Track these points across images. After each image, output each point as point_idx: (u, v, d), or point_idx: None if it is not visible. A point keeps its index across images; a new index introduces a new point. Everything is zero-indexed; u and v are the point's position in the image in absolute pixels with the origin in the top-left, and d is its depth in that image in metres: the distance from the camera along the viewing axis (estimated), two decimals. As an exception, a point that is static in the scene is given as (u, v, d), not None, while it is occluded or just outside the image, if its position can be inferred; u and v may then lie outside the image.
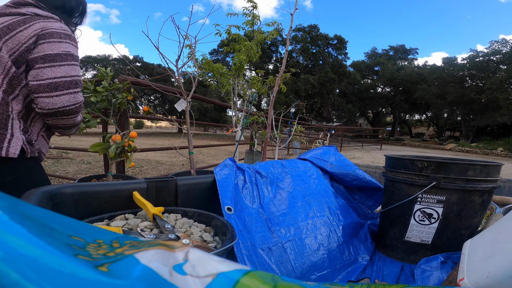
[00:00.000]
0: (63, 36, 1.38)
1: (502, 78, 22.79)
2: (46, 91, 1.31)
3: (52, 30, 1.37)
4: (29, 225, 0.34)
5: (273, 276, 0.32)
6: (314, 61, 32.25)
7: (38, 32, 1.34)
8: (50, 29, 1.36)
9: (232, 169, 1.45)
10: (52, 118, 1.39)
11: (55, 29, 1.38)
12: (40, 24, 1.37)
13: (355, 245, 1.50)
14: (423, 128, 46.17)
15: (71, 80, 1.35)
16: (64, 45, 1.37)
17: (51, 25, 1.39)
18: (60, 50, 1.35)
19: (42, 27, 1.36)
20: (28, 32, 1.34)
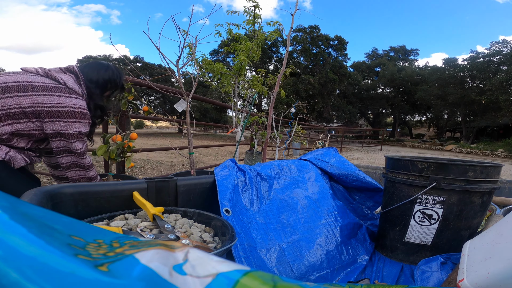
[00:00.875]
0: (78, 116, 1.54)
1: (503, 79, 22.76)
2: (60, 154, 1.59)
3: (67, 109, 1.51)
4: (29, 224, 0.34)
5: (272, 276, 0.32)
6: (314, 61, 32.24)
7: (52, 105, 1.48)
8: (66, 108, 1.50)
9: (232, 170, 1.45)
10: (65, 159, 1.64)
11: (70, 107, 1.52)
12: (56, 98, 1.50)
13: (354, 245, 1.50)
14: (424, 129, 46.16)
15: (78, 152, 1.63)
16: (77, 125, 1.55)
17: (65, 101, 1.52)
18: (71, 130, 1.54)
19: (57, 103, 1.49)
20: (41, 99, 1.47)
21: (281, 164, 1.72)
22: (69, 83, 1.57)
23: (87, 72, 1.70)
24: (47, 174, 5.10)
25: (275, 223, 1.38)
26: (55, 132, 1.52)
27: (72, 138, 1.56)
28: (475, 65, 26.37)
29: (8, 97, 1.44)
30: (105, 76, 1.74)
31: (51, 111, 1.48)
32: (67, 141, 1.57)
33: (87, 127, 1.61)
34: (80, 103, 1.56)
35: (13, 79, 1.47)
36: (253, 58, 3.27)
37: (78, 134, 1.57)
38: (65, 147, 1.59)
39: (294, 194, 1.58)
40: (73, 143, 1.58)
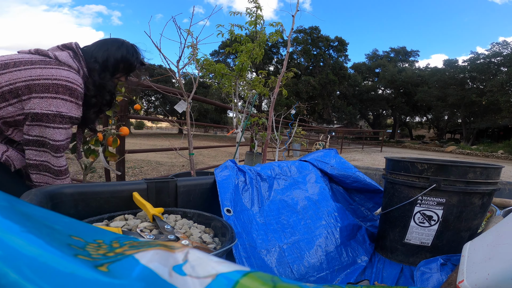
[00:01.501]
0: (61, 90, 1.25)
1: (503, 81, 22.77)
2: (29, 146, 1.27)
3: (50, 81, 1.24)
4: (29, 224, 0.34)
5: (272, 277, 0.32)
6: (315, 62, 32.30)
7: (33, 79, 1.23)
8: (49, 80, 1.24)
9: (233, 171, 1.45)
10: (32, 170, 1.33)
11: (54, 79, 1.25)
12: (39, 70, 1.25)
13: (353, 247, 1.50)
14: (424, 130, 46.16)
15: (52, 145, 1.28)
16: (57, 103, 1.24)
17: (50, 72, 1.26)
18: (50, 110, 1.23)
19: (39, 75, 1.24)
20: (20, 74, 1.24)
21: (281, 165, 1.72)
22: (62, 57, 1.32)
23: (92, 49, 1.44)
24: (47, 175, 5.09)
25: (275, 224, 1.38)
26: (29, 113, 1.22)
27: (48, 121, 1.23)
28: (475, 66, 26.38)
29: None
30: (117, 55, 1.46)
31: (30, 86, 1.21)
32: (42, 125, 1.23)
33: (74, 110, 1.29)
34: (69, 75, 1.28)
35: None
36: (255, 60, 3.28)
37: (57, 117, 1.24)
38: (37, 136, 1.25)
39: (294, 195, 1.58)
40: (48, 129, 1.24)
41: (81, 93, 1.32)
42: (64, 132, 1.28)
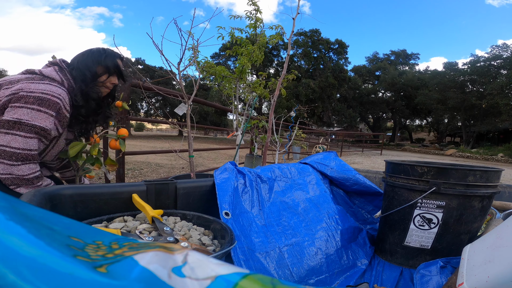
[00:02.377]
0: (31, 100, 1.31)
1: (503, 83, 22.80)
2: None
3: (22, 93, 1.31)
4: (28, 225, 0.34)
5: (272, 279, 0.32)
6: (315, 65, 32.32)
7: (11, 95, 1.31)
8: (21, 93, 1.31)
9: (232, 173, 1.45)
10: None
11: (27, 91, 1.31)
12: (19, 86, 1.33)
13: (353, 249, 1.49)
14: (424, 133, 46.19)
15: (7, 151, 1.29)
16: (21, 111, 1.30)
17: (30, 86, 1.33)
18: (11, 117, 1.28)
19: (19, 89, 1.32)
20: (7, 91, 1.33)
21: (282, 167, 1.72)
22: (46, 71, 1.41)
23: (72, 60, 1.53)
24: (47, 176, 5.09)
25: (275, 226, 1.37)
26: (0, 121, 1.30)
27: (8, 127, 1.28)
28: (475, 69, 26.42)
29: None
30: (89, 60, 1.52)
31: (10, 99, 1.31)
32: (2, 132, 1.29)
33: (39, 119, 1.32)
34: (47, 87, 1.34)
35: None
36: (255, 62, 3.28)
37: (16, 124, 1.28)
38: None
39: (295, 197, 1.58)
40: (6, 136, 1.28)
41: (55, 104, 1.35)
42: (21, 140, 1.30)
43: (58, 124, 1.41)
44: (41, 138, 1.37)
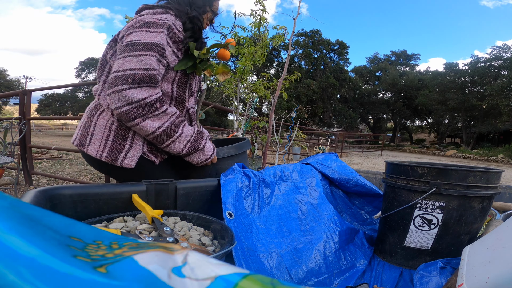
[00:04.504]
0: (138, 25, 1.27)
1: (503, 84, 22.81)
2: (107, 89, 1.23)
3: (130, 24, 1.29)
4: (28, 225, 0.34)
5: (271, 280, 0.32)
6: (315, 66, 32.33)
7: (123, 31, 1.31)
8: (135, 23, 1.28)
9: (238, 175, 1.45)
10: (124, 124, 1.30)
11: (135, 22, 1.29)
12: (130, 23, 1.32)
13: (352, 250, 1.49)
14: (424, 134, 46.15)
15: (120, 76, 1.19)
16: (131, 35, 1.25)
17: (137, 19, 1.31)
18: (125, 42, 1.24)
19: (128, 25, 1.30)
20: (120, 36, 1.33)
21: (284, 170, 1.72)
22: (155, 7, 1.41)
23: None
24: (46, 175, 5.10)
25: (274, 229, 1.38)
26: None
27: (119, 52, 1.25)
28: (475, 70, 26.43)
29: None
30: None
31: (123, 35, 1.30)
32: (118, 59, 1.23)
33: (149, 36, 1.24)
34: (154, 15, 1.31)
35: None
36: (257, 62, 3.28)
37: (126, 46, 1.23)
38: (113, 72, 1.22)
39: (294, 200, 1.58)
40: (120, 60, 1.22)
41: (162, 23, 1.28)
42: (135, 60, 1.21)
43: (173, 46, 1.33)
44: (156, 56, 1.25)
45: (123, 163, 1.31)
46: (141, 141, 1.34)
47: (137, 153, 1.33)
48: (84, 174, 6.21)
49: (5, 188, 4.45)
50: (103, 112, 1.35)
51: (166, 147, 1.34)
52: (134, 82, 1.19)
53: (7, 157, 3.61)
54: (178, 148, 1.35)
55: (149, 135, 1.28)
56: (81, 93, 41.95)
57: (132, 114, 1.21)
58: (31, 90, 4.66)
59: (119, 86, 1.18)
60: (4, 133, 3.81)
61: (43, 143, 13.94)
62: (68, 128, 53.64)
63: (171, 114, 1.31)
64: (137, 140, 1.33)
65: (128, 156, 1.32)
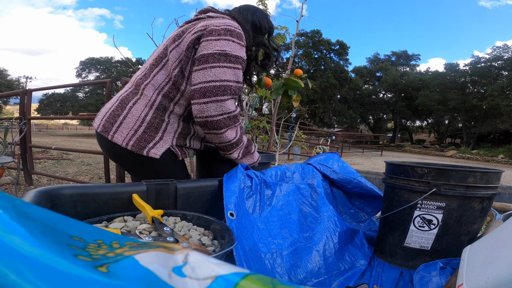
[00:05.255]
0: (223, 32, 1.27)
1: (504, 85, 22.81)
2: (196, 97, 1.26)
3: (212, 27, 1.28)
4: (29, 225, 0.34)
5: (272, 279, 0.32)
6: (316, 66, 32.33)
7: (200, 30, 1.30)
8: (210, 27, 1.29)
9: (241, 175, 1.45)
10: (204, 130, 1.36)
11: (216, 26, 1.29)
12: (203, 22, 1.32)
13: (352, 251, 1.49)
14: (424, 134, 46.16)
15: (219, 86, 1.24)
16: (221, 43, 1.26)
17: (213, 22, 1.31)
18: (214, 50, 1.24)
19: (204, 25, 1.30)
20: (191, 33, 1.32)
21: (285, 171, 1.72)
22: (211, 14, 1.42)
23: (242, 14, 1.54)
24: (47, 175, 5.10)
25: (275, 229, 1.38)
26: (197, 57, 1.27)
27: (214, 60, 1.24)
28: (476, 70, 26.42)
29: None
30: (262, 16, 1.58)
31: (200, 36, 1.29)
32: (207, 67, 1.24)
33: (238, 50, 1.28)
34: (227, 21, 1.32)
35: None
36: None
37: (220, 56, 1.24)
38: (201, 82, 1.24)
39: (295, 201, 1.58)
40: (214, 70, 1.23)
41: (241, 35, 1.33)
42: (231, 72, 1.26)
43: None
44: (242, 70, 1.33)
45: (150, 152, 1.33)
46: (171, 135, 1.39)
47: (165, 145, 1.37)
48: (84, 174, 6.21)
49: (5, 188, 4.46)
50: (137, 102, 1.37)
51: (231, 154, 1.45)
52: (232, 93, 1.27)
53: (7, 157, 3.61)
54: (236, 154, 1.47)
55: (224, 143, 1.38)
56: (81, 93, 41.96)
57: (221, 124, 1.30)
58: (31, 90, 4.66)
59: (220, 97, 1.24)
60: (4, 133, 3.81)
61: (43, 143, 13.95)
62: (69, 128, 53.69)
63: (241, 123, 1.43)
64: (167, 134, 1.37)
65: (156, 147, 1.35)
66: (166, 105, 1.36)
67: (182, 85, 1.35)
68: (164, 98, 1.36)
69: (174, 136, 1.40)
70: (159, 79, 1.37)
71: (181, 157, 1.44)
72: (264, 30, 1.60)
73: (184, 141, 1.44)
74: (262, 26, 1.57)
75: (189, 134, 1.45)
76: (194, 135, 1.47)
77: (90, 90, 41.07)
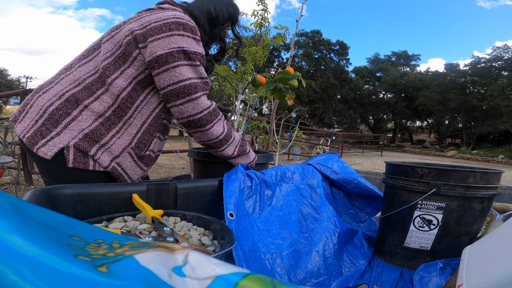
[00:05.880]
0: (174, 26, 1.19)
1: (504, 85, 22.81)
2: (172, 100, 1.23)
3: (161, 22, 1.18)
4: (29, 225, 0.34)
5: (272, 279, 0.32)
6: (316, 66, 32.34)
7: (145, 25, 1.19)
8: (159, 22, 1.18)
9: (241, 175, 1.45)
10: (190, 129, 1.31)
11: (164, 19, 1.19)
12: (151, 16, 1.22)
13: (352, 251, 1.49)
14: (424, 135, 46.14)
15: (189, 84, 1.20)
16: (175, 39, 1.18)
17: (162, 15, 1.20)
18: (170, 47, 1.17)
19: (151, 20, 1.19)
20: (132, 24, 1.22)
21: (285, 171, 1.72)
22: (163, 5, 1.33)
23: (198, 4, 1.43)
24: (47, 176, 5.10)
25: (275, 229, 1.38)
26: (152, 60, 1.17)
27: (174, 59, 1.17)
28: (476, 70, 26.42)
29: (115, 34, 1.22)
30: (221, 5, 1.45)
31: (145, 33, 1.17)
32: (169, 68, 1.17)
33: (194, 45, 1.21)
34: (176, 13, 1.22)
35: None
36: (258, 62, 3.29)
37: (179, 53, 1.17)
38: (170, 85, 1.18)
39: (295, 202, 1.58)
40: (177, 69, 1.17)
41: (194, 28, 1.24)
42: (192, 70, 1.21)
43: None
44: (202, 66, 1.27)
45: (39, 150, 1.14)
46: (73, 132, 1.16)
47: (59, 144, 1.15)
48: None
49: (5, 187, 4.46)
50: (48, 91, 1.20)
51: (222, 151, 1.40)
52: (202, 90, 1.24)
53: (8, 157, 3.62)
54: (230, 151, 1.42)
55: (212, 139, 1.33)
56: (81, 93, 41.85)
57: (204, 121, 1.26)
58: (31, 90, 4.66)
59: (193, 95, 1.21)
60: (4, 133, 3.82)
61: (43, 142, 13.91)
62: (69, 128, 53.49)
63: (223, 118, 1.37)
64: (68, 131, 1.16)
65: (49, 144, 1.14)
66: (80, 97, 1.17)
67: (110, 77, 1.19)
68: (82, 90, 1.18)
69: (76, 136, 1.16)
70: (83, 70, 1.22)
71: (72, 165, 1.17)
72: (222, 19, 1.47)
73: (89, 147, 1.18)
74: (219, 16, 1.46)
75: (98, 142, 1.19)
76: (105, 145, 1.21)
77: (90, 90, 40.86)
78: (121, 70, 1.20)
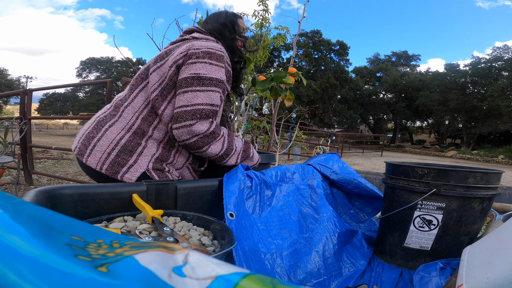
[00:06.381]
0: (201, 55, 1.30)
1: (504, 85, 22.79)
2: (172, 123, 1.31)
3: (192, 51, 1.31)
4: (30, 225, 0.34)
5: (272, 279, 0.32)
6: (316, 66, 32.34)
7: (182, 55, 1.32)
8: (191, 50, 1.32)
9: (241, 176, 1.45)
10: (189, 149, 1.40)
11: (196, 49, 1.32)
12: (186, 44, 1.34)
13: (352, 252, 1.49)
14: (424, 135, 46.10)
15: (190, 110, 1.27)
16: (196, 67, 1.29)
17: (195, 44, 1.33)
18: (188, 74, 1.28)
19: (187, 48, 1.32)
20: (174, 55, 1.33)
21: (285, 171, 1.72)
22: (196, 35, 1.46)
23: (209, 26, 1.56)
24: (47, 175, 5.10)
25: (275, 230, 1.38)
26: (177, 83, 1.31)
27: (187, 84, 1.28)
28: (476, 70, 26.40)
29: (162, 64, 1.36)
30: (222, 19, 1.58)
31: (183, 59, 1.31)
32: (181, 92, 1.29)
33: (214, 72, 1.32)
34: (209, 43, 1.35)
35: None
36: (259, 62, 3.29)
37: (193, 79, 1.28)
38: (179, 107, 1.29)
39: (295, 202, 1.58)
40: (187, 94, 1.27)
41: (221, 57, 1.35)
42: (203, 95, 1.28)
43: (227, 82, 1.43)
44: (220, 92, 1.35)
45: (124, 177, 1.30)
46: (147, 158, 1.34)
47: (140, 169, 1.33)
48: (84, 174, 6.20)
49: (5, 187, 4.46)
50: (114, 124, 1.35)
51: (225, 163, 1.47)
52: (201, 117, 1.29)
53: (8, 157, 3.61)
54: (233, 161, 1.48)
55: (213, 156, 1.41)
56: (81, 92, 42.05)
57: (199, 144, 1.33)
58: (32, 90, 4.66)
59: (188, 121, 1.28)
60: (4, 133, 3.82)
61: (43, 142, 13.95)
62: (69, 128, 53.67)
63: (225, 134, 1.42)
64: (143, 157, 1.33)
65: (130, 171, 1.31)
66: (145, 129, 1.35)
67: (160, 109, 1.34)
68: (143, 122, 1.34)
69: (150, 160, 1.35)
70: (138, 102, 1.37)
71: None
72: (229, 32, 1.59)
73: (161, 166, 1.39)
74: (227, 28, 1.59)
75: (166, 161, 1.40)
76: (171, 163, 1.43)
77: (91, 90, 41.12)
78: (168, 100, 1.34)
